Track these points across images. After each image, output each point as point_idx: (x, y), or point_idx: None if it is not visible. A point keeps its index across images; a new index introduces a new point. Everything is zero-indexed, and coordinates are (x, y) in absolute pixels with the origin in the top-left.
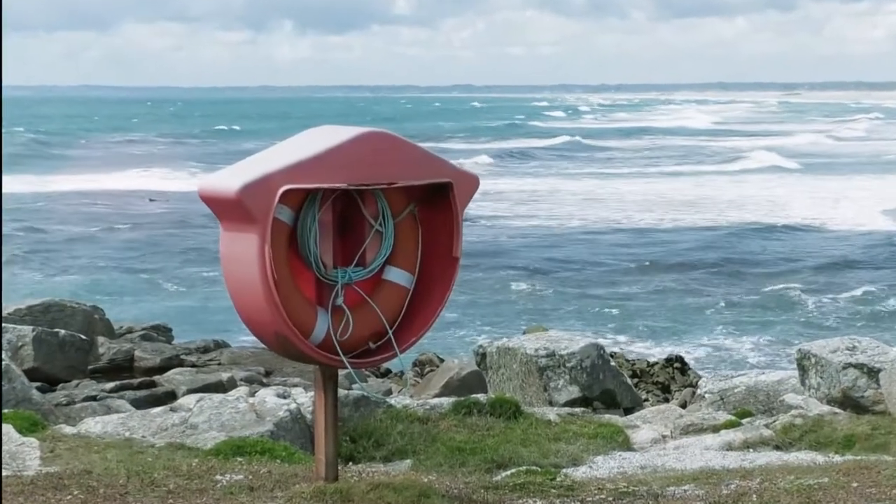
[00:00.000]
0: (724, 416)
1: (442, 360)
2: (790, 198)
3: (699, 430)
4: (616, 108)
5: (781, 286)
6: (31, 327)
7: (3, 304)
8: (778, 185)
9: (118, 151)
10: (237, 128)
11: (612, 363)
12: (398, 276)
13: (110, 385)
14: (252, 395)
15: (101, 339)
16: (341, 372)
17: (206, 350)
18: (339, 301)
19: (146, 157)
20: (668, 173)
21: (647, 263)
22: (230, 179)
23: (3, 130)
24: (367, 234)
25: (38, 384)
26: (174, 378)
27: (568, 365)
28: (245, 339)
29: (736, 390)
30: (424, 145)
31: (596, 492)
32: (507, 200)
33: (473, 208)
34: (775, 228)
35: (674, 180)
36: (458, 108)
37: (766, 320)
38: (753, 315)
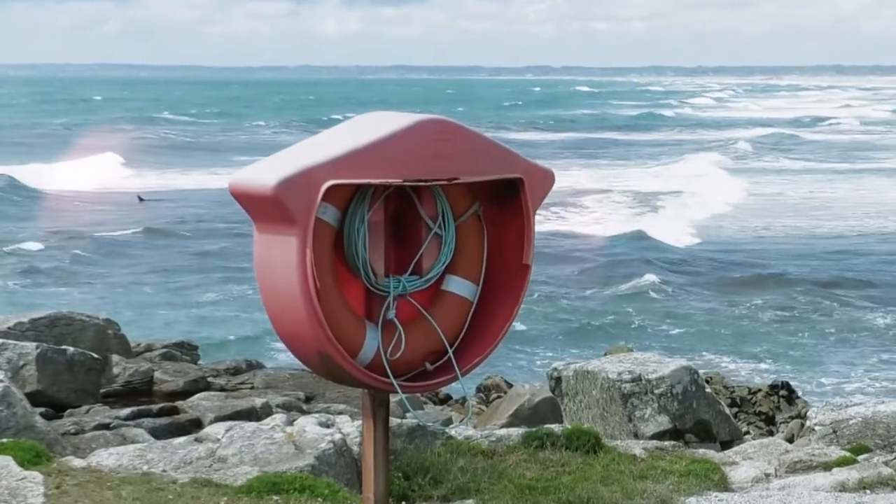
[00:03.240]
0: (836, 452)
1: (510, 385)
2: None
3: (808, 467)
4: (749, 93)
5: None
6: (34, 344)
7: (3, 318)
8: None
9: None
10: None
11: (708, 389)
12: (460, 287)
13: (126, 411)
14: (290, 423)
15: (115, 357)
16: (393, 397)
17: (236, 371)
18: (392, 315)
19: None
20: None
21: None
22: (266, 174)
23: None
24: (425, 238)
25: (43, 410)
26: (200, 404)
27: (656, 391)
28: (282, 359)
29: (851, 422)
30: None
31: None
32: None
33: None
34: None
35: None
36: (561, 91)
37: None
38: (875, 337)
